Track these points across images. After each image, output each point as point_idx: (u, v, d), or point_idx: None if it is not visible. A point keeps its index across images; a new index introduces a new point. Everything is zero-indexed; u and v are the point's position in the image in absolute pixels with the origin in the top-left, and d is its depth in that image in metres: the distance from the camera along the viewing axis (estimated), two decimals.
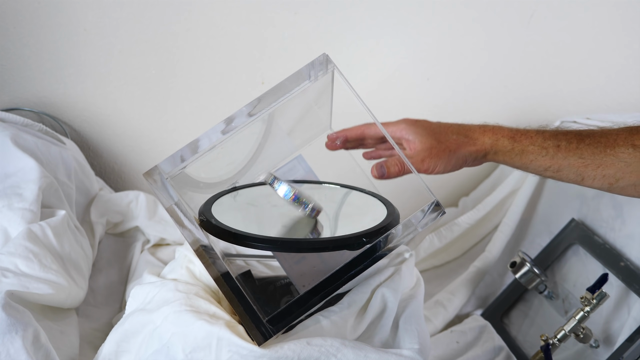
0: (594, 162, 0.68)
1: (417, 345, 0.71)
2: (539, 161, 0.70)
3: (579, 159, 0.69)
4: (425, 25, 1.18)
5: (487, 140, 0.71)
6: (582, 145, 0.69)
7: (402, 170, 0.72)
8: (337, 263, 0.66)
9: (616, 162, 0.67)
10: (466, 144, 0.71)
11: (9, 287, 0.72)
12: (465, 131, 0.72)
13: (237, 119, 0.67)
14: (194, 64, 1.11)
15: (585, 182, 0.69)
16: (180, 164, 0.67)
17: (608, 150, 0.68)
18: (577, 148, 0.69)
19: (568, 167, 0.69)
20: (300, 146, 0.85)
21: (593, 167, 0.68)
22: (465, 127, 0.73)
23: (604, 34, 1.24)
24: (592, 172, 0.68)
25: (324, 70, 0.70)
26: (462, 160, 0.71)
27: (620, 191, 0.69)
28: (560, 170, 0.69)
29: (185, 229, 0.65)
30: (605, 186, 0.69)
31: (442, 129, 0.72)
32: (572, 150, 0.69)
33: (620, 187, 0.68)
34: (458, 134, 0.72)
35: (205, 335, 0.64)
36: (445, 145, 0.71)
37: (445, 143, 0.71)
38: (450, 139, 0.71)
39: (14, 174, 0.89)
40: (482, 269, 1.15)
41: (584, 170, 0.68)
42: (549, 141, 0.70)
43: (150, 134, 1.15)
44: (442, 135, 0.72)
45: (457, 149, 0.71)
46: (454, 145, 0.71)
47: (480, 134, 0.72)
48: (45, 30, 1.00)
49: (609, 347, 0.92)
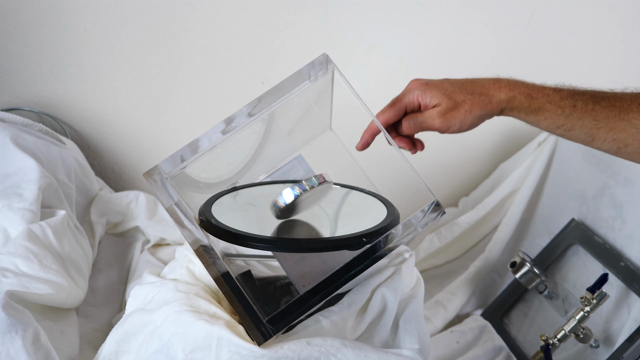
0: (607, 125, 0.68)
1: (417, 345, 0.71)
2: (553, 119, 0.70)
3: (593, 120, 0.69)
4: (425, 25, 1.18)
5: (502, 96, 0.71)
6: (597, 107, 0.69)
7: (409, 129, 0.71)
8: (337, 263, 0.66)
9: (628, 127, 0.68)
10: (482, 102, 0.70)
11: (9, 287, 0.72)
12: (480, 89, 0.71)
13: (237, 119, 0.67)
14: (194, 64, 1.11)
15: (594, 143, 0.70)
16: (180, 164, 0.67)
17: (622, 115, 0.68)
18: (593, 110, 0.69)
19: (581, 127, 0.69)
20: (300, 146, 0.85)
21: (605, 130, 0.69)
22: (479, 84, 0.72)
23: (604, 34, 1.24)
24: (604, 135, 0.69)
25: (324, 70, 0.70)
26: (478, 119, 0.71)
27: (626, 156, 0.70)
28: (572, 130, 0.70)
29: (185, 229, 0.65)
30: (613, 149, 0.70)
31: (456, 89, 0.71)
32: (587, 112, 0.69)
33: (627, 153, 0.69)
34: (473, 94, 0.71)
35: (205, 335, 0.64)
36: (461, 105, 0.70)
37: (461, 103, 0.70)
38: (466, 99, 0.70)
39: (14, 174, 0.89)
40: (482, 269, 1.15)
41: (596, 132, 0.69)
42: (566, 100, 0.70)
43: (150, 133, 1.15)
44: (457, 94, 0.71)
45: (473, 108, 0.70)
46: (469, 105, 0.70)
47: (495, 90, 0.71)
48: (45, 30, 1.00)
49: (609, 347, 0.92)
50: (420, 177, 0.69)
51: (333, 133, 0.85)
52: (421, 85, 0.73)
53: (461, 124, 0.70)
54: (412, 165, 0.70)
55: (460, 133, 0.73)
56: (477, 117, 0.71)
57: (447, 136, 1.31)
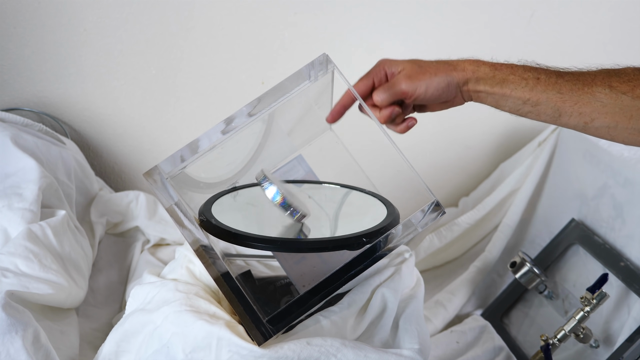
0: (572, 98, 0.69)
1: (417, 345, 0.71)
2: (519, 92, 0.70)
3: (558, 93, 0.69)
4: (425, 25, 1.18)
5: (468, 66, 0.72)
6: (560, 81, 0.70)
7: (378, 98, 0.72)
8: (337, 263, 0.66)
9: (593, 101, 0.68)
10: (447, 68, 0.72)
11: (9, 287, 0.72)
12: (446, 60, 0.74)
13: (237, 119, 0.67)
14: (194, 64, 1.11)
15: (562, 119, 0.70)
16: (180, 164, 0.67)
17: (586, 89, 0.69)
18: (556, 83, 0.70)
19: (546, 101, 0.70)
20: (300, 146, 0.85)
21: (570, 104, 0.69)
22: (446, 60, 0.75)
23: (604, 34, 1.24)
24: (569, 109, 0.69)
25: (324, 70, 0.70)
26: (444, 83, 0.72)
27: (594, 132, 0.71)
28: (538, 104, 0.70)
29: (185, 229, 0.65)
30: (580, 125, 0.70)
31: (422, 60, 0.74)
32: (551, 85, 0.70)
33: (595, 128, 0.70)
34: (438, 62, 0.73)
35: (205, 335, 0.64)
36: (426, 69, 0.72)
37: (425, 67, 0.72)
38: (431, 64, 0.73)
39: (14, 174, 0.89)
40: (482, 269, 1.15)
41: (561, 105, 0.69)
42: (529, 73, 0.71)
43: (150, 133, 1.15)
44: (423, 62, 0.73)
45: (438, 72, 0.72)
46: (434, 69, 0.72)
47: (461, 62, 0.73)
48: (45, 30, 1.00)
49: (609, 347, 0.92)
50: (420, 177, 0.69)
51: (333, 133, 0.85)
52: (388, 59, 0.74)
53: (427, 88, 0.71)
54: (412, 165, 0.70)
55: (426, 102, 0.73)
56: (442, 82, 0.71)
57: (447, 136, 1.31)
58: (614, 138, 0.70)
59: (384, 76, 0.74)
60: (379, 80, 0.74)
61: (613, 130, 0.69)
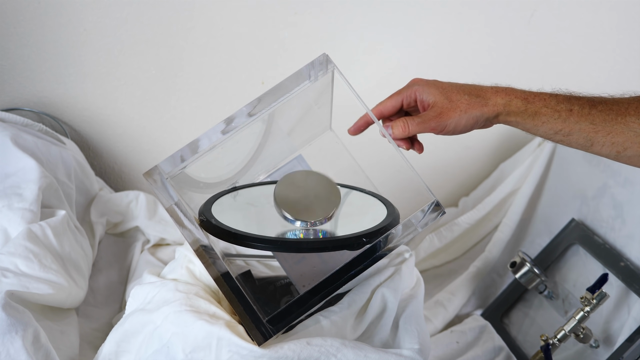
0: (605, 128, 0.69)
1: (417, 345, 0.71)
2: (551, 124, 0.70)
3: (590, 124, 0.69)
4: (425, 25, 1.18)
5: (499, 100, 0.71)
6: (594, 111, 0.69)
7: (406, 130, 0.71)
8: (337, 263, 0.66)
9: (626, 130, 0.68)
10: (478, 104, 0.71)
11: (9, 287, 0.72)
12: (478, 91, 0.72)
13: (237, 119, 0.67)
14: (194, 64, 1.11)
15: (594, 147, 0.70)
16: (180, 164, 0.67)
17: (619, 119, 0.68)
18: (589, 114, 0.69)
19: (579, 131, 0.69)
20: (300, 146, 0.85)
21: (603, 134, 0.69)
22: (477, 87, 0.73)
23: (604, 34, 1.24)
24: (602, 139, 0.69)
25: (324, 70, 0.70)
26: (473, 120, 0.70)
27: (627, 160, 0.70)
28: (570, 135, 0.70)
29: (185, 229, 0.65)
30: (612, 154, 0.70)
31: (454, 89, 0.72)
32: (584, 116, 0.69)
33: (627, 157, 0.70)
34: (470, 95, 0.71)
35: (205, 335, 0.64)
36: (457, 105, 0.70)
37: (457, 103, 0.71)
38: (462, 99, 0.71)
39: (14, 174, 0.89)
40: (482, 269, 1.15)
41: (594, 135, 0.69)
42: (562, 104, 0.70)
43: (150, 134, 1.15)
44: (454, 94, 0.71)
45: (469, 109, 0.70)
46: (465, 106, 0.70)
47: (492, 94, 0.72)
48: (45, 30, 1.00)
49: (609, 347, 0.92)
50: (420, 177, 0.69)
51: (333, 133, 0.85)
52: (421, 81, 0.73)
53: (456, 125, 0.70)
54: (412, 165, 0.70)
55: (455, 135, 0.72)
56: (472, 118, 0.70)
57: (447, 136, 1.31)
58: None
59: (414, 101, 0.73)
60: (408, 103, 0.74)
61: None
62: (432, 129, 0.70)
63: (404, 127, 0.71)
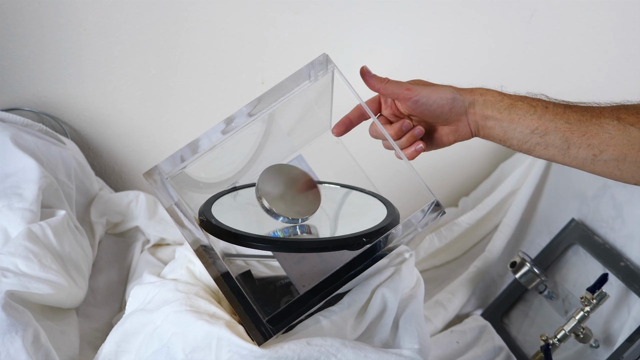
0: (580, 129, 0.69)
1: (417, 345, 0.71)
2: (527, 120, 0.70)
3: (566, 123, 0.69)
4: (425, 26, 1.18)
5: (475, 90, 0.72)
6: (568, 111, 0.70)
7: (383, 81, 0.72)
8: (337, 263, 0.66)
9: (601, 132, 0.68)
10: (454, 88, 0.72)
11: (9, 287, 0.72)
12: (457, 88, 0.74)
13: (237, 119, 0.67)
14: (194, 64, 1.11)
15: (570, 150, 0.70)
16: (180, 164, 0.67)
17: (594, 120, 0.69)
18: (564, 113, 0.70)
19: (555, 130, 0.69)
20: (300, 146, 0.85)
21: (578, 135, 0.69)
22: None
23: (604, 34, 1.24)
24: (578, 140, 0.69)
25: (324, 70, 0.70)
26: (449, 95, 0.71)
27: (602, 166, 0.70)
28: (546, 134, 0.69)
29: (185, 229, 0.65)
30: (589, 158, 0.69)
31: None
32: (559, 114, 0.70)
33: (603, 161, 0.69)
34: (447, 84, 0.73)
35: (205, 335, 0.64)
36: (432, 84, 0.72)
37: (432, 83, 0.73)
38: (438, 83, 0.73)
39: (14, 174, 0.89)
40: (482, 269, 1.15)
41: (570, 135, 0.69)
42: (537, 102, 0.71)
43: (150, 134, 1.15)
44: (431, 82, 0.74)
45: (444, 88, 0.71)
46: (440, 85, 0.72)
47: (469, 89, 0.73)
48: (45, 30, 1.00)
49: (609, 347, 0.92)
50: (420, 177, 0.69)
51: None
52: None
53: (430, 93, 0.70)
54: (412, 165, 0.70)
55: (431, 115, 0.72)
56: (448, 94, 0.71)
57: None
58: (623, 174, 0.69)
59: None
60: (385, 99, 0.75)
61: (622, 164, 0.68)
62: (407, 89, 0.70)
63: (376, 81, 0.72)
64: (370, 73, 0.72)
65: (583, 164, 0.70)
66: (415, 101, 0.70)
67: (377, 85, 0.72)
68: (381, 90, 0.72)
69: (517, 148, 0.72)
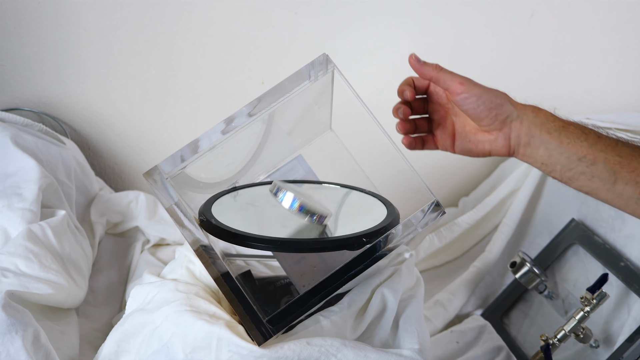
0: (630, 164, 0.65)
1: (417, 345, 0.71)
2: (577, 146, 0.66)
3: (617, 156, 0.65)
4: (426, 26, 1.18)
5: (527, 106, 0.69)
6: (620, 145, 0.66)
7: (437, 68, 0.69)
8: (337, 263, 0.66)
9: None
10: (507, 95, 0.69)
11: (9, 287, 0.72)
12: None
13: (237, 119, 0.67)
14: (193, 64, 1.11)
15: (617, 185, 0.65)
16: (180, 164, 0.67)
17: None
18: (616, 145, 0.66)
19: (604, 162, 0.65)
20: (300, 146, 0.85)
21: (628, 170, 0.65)
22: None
23: (604, 34, 1.24)
24: (627, 175, 0.65)
25: (324, 70, 0.70)
26: (499, 100, 0.67)
27: None
28: (594, 164, 0.65)
29: (185, 229, 0.65)
30: (635, 196, 0.65)
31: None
32: (611, 146, 0.66)
33: None
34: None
35: (205, 335, 0.64)
36: (484, 87, 0.69)
37: (484, 86, 0.69)
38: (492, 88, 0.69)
39: (14, 174, 0.89)
40: (482, 269, 1.14)
41: (619, 169, 0.65)
42: (590, 130, 0.67)
43: (150, 134, 1.15)
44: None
45: (496, 91, 0.68)
46: (495, 89, 0.69)
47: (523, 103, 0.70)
48: (45, 30, 1.00)
49: (609, 347, 0.92)
50: (420, 177, 0.69)
51: (333, 133, 0.85)
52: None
53: (481, 94, 0.67)
54: (412, 165, 0.70)
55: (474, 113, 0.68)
56: (498, 99, 0.67)
57: None
58: None
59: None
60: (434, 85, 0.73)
61: None
62: (460, 83, 0.68)
63: (436, 66, 0.69)
64: (420, 61, 0.70)
65: (627, 203, 0.66)
66: (465, 97, 0.68)
67: (430, 73, 0.70)
68: (434, 79, 0.70)
69: (558, 175, 0.68)
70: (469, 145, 0.73)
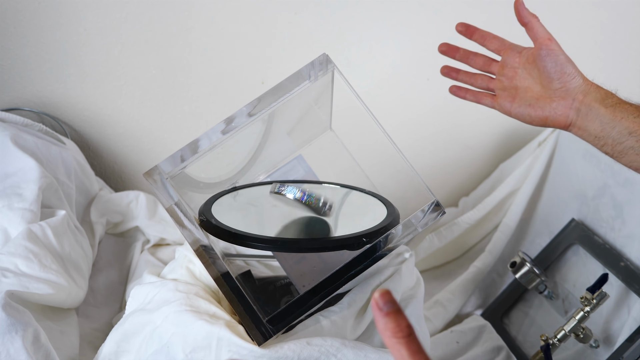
0: None
1: None
2: (629, 121, 0.69)
3: None
4: (425, 26, 1.18)
5: (593, 83, 0.73)
6: None
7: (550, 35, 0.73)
8: (337, 263, 0.66)
9: None
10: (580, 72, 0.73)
11: (9, 287, 0.72)
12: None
13: (237, 119, 0.67)
14: (194, 64, 1.11)
15: None
16: (180, 164, 0.67)
17: None
18: None
19: None
20: (300, 146, 0.85)
21: None
22: None
23: (604, 34, 1.24)
24: None
25: (324, 70, 0.70)
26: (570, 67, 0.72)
27: None
28: None
29: (185, 229, 0.65)
30: None
31: None
32: None
33: None
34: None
35: (205, 335, 0.64)
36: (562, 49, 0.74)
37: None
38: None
39: (14, 174, 0.89)
40: (482, 269, 1.15)
41: None
42: None
43: (150, 134, 1.15)
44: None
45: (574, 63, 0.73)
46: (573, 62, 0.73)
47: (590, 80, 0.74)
48: (45, 30, 1.00)
49: (609, 347, 0.92)
50: (420, 177, 0.69)
51: (333, 133, 0.86)
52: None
53: (558, 56, 0.73)
54: (412, 165, 0.70)
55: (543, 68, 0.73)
56: (571, 71, 0.72)
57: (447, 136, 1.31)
58: None
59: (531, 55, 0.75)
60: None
61: None
62: (548, 39, 0.73)
63: (533, 14, 0.73)
64: (524, 5, 0.73)
65: None
66: (548, 52, 0.73)
67: (528, 18, 0.73)
68: (529, 25, 0.73)
69: (610, 149, 0.71)
70: (528, 109, 0.75)
